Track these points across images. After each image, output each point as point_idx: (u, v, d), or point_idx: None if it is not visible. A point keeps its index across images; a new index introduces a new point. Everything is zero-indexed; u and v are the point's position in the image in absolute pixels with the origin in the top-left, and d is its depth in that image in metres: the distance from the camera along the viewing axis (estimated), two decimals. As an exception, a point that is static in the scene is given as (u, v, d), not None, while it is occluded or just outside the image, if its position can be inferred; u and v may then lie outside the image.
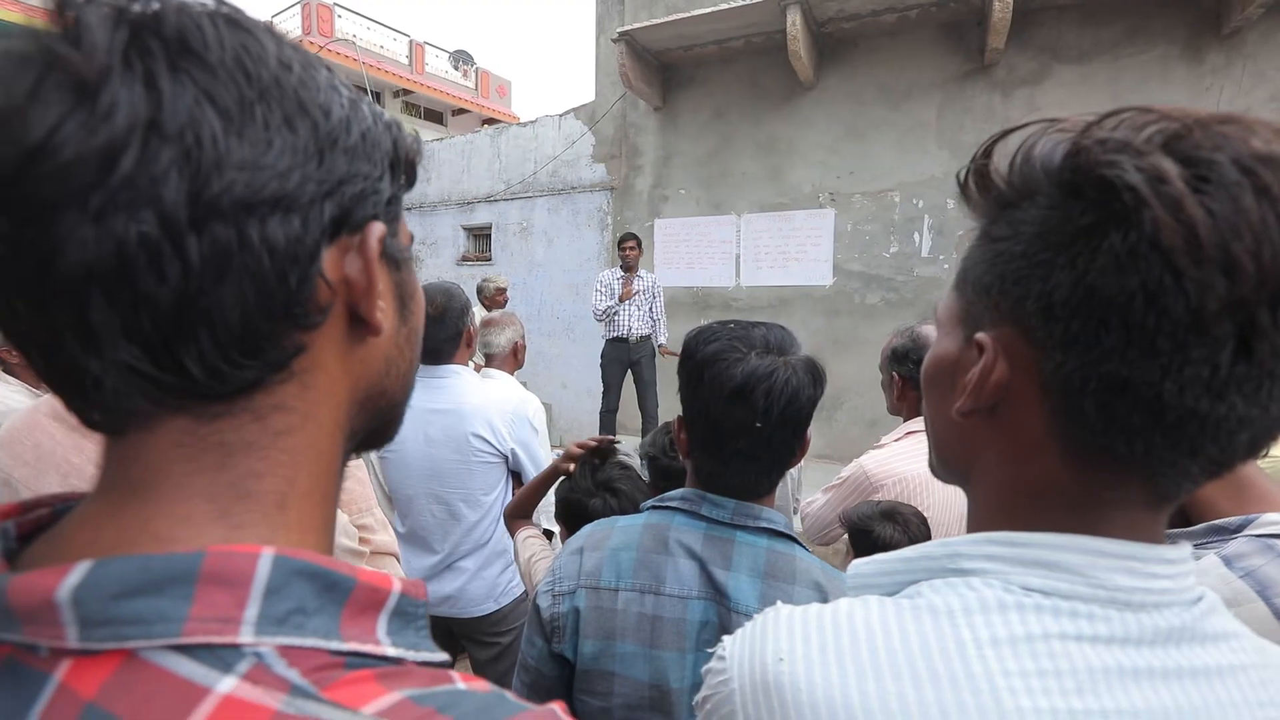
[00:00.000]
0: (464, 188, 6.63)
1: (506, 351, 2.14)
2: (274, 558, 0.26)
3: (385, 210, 0.31)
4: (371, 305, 0.30)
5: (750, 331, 0.78)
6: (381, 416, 0.35)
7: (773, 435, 0.75)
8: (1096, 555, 0.34)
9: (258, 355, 0.26)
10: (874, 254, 4.61)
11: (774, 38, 4.46)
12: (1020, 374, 0.35)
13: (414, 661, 0.28)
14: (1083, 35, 3.92)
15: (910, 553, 0.40)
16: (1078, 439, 0.34)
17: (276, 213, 0.25)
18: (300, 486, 0.29)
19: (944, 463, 0.44)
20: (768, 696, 0.35)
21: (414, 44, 14.11)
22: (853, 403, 4.73)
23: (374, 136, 0.30)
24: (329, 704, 0.24)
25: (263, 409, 0.28)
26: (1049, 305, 0.32)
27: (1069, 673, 0.32)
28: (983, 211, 0.38)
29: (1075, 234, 0.31)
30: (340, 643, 0.26)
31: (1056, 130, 0.34)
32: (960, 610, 0.34)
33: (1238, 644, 0.35)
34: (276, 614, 0.25)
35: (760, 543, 0.78)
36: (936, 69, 4.31)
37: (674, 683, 0.75)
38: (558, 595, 0.81)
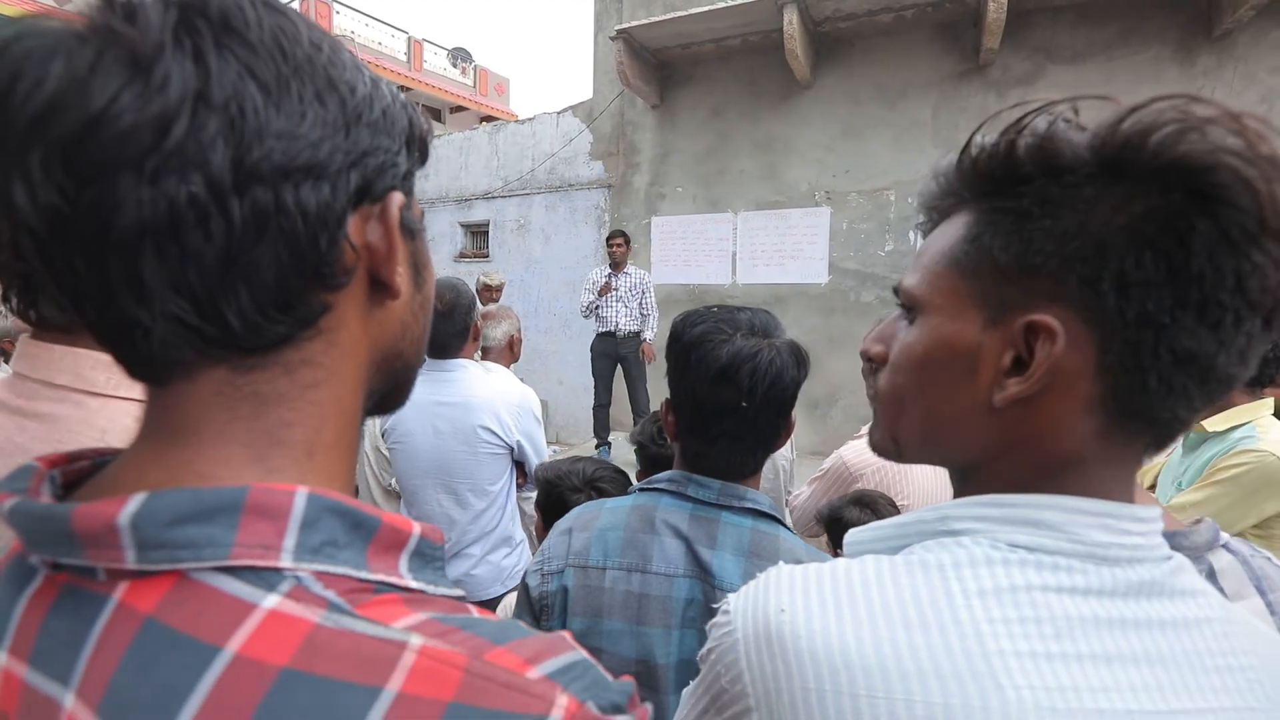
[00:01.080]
0: (462, 184, 6.63)
1: (502, 345, 2.15)
2: (309, 495, 0.28)
3: (403, 183, 0.33)
4: (392, 269, 0.32)
5: (736, 315, 0.80)
6: (396, 378, 0.38)
7: (758, 415, 0.77)
8: (1076, 513, 0.36)
9: (290, 311, 0.29)
10: (869, 252, 4.64)
11: (771, 36, 4.48)
12: (1075, 354, 0.35)
13: (433, 594, 0.31)
14: (1076, 36, 3.95)
15: (904, 518, 0.42)
16: (1123, 409, 0.35)
17: (309, 179, 0.27)
18: (326, 437, 0.32)
19: (940, 450, 0.43)
20: (769, 644, 0.37)
21: (412, 41, 14.09)
22: (847, 400, 4.75)
23: (393, 114, 0.32)
24: (363, 619, 0.26)
25: (292, 363, 0.30)
26: (1124, 285, 0.33)
27: (1048, 620, 0.34)
28: (979, 189, 0.38)
29: (1151, 213, 0.32)
30: (368, 573, 0.29)
31: (1065, 111, 0.35)
32: (950, 565, 0.36)
33: (1204, 600, 0.37)
34: (311, 544, 0.28)
35: (745, 523, 0.80)
36: (932, 69, 4.33)
37: (660, 658, 0.77)
38: (546, 574, 0.83)
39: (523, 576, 0.86)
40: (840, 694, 0.34)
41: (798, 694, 0.35)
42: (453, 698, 0.25)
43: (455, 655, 0.26)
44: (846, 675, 0.34)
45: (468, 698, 0.25)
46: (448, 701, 0.25)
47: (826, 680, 0.34)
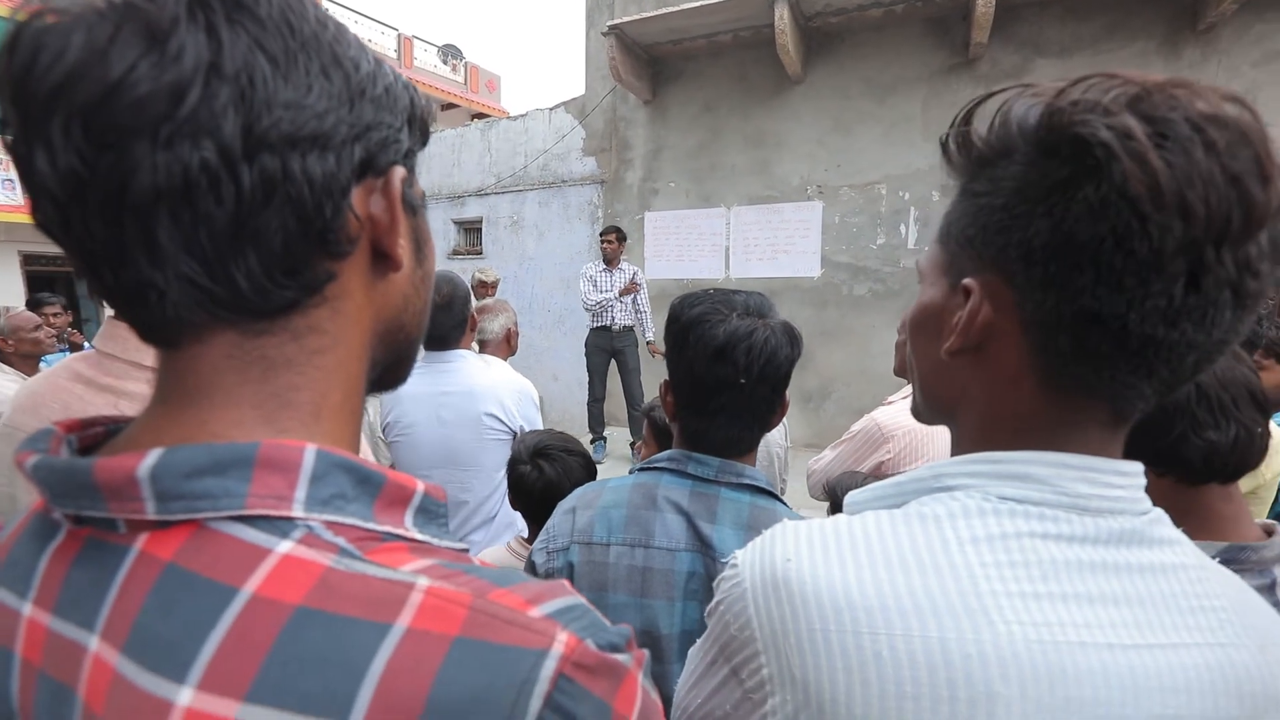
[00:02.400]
0: (454, 181, 6.62)
1: (500, 338, 2.17)
2: (317, 451, 0.30)
3: (405, 160, 0.35)
4: (394, 241, 0.33)
5: (731, 297, 0.83)
6: (398, 351, 0.39)
7: (754, 392, 0.80)
8: (1061, 467, 0.39)
9: (296, 277, 0.30)
10: (861, 246, 4.68)
11: (762, 32, 4.50)
12: (1002, 315, 0.39)
13: (437, 545, 0.32)
14: (1064, 30, 4.00)
15: (901, 477, 0.45)
16: (1053, 369, 0.38)
17: (315, 149, 0.29)
18: (332, 401, 0.33)
19: (930, 402, 0.48)
20: (776, 590, 0.39)
21: (402, 38, 14.02)
22: (840, 392, 4.79)
23: (395, 92, 0.34)
24: (372, 563, 0.28)
25: (299, 329, 0.31)
26: (1029, 251, 0.36)
27: (1035, 563, 0.37)
28: (962, 171, 0.41)
29: (1052, 187, 0.35)
30: (375, 525, 0.31)
31: (1030, 95, 0.37)
32: (945, 515, 0.39)
33: (1179, 549, 0.40)
34: (321, 496, 0.29)
35: (744, 498, 0.83)
36: (922, 63, 4.37)
37: (664, 629, 0.79)
38: (552, 551, 0.85)
39: (528, 554, 0.88)
40: (844, 632, 0.36)
41: (804, 635, 0.37)
42: (459, 632, 0.26)
43: (460, 594, 0.27)
44: (850, 615, 0.36)
45: (473, 632, 0.26)
46: (454, 636, 0.26)
47: (831, 620, 0.37)
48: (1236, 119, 0.32)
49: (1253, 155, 0.32)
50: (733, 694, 0.43)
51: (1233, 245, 0.32)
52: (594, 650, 0.28)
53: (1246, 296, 0.34)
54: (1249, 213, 0.31)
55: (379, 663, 0.25)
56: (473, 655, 0.26)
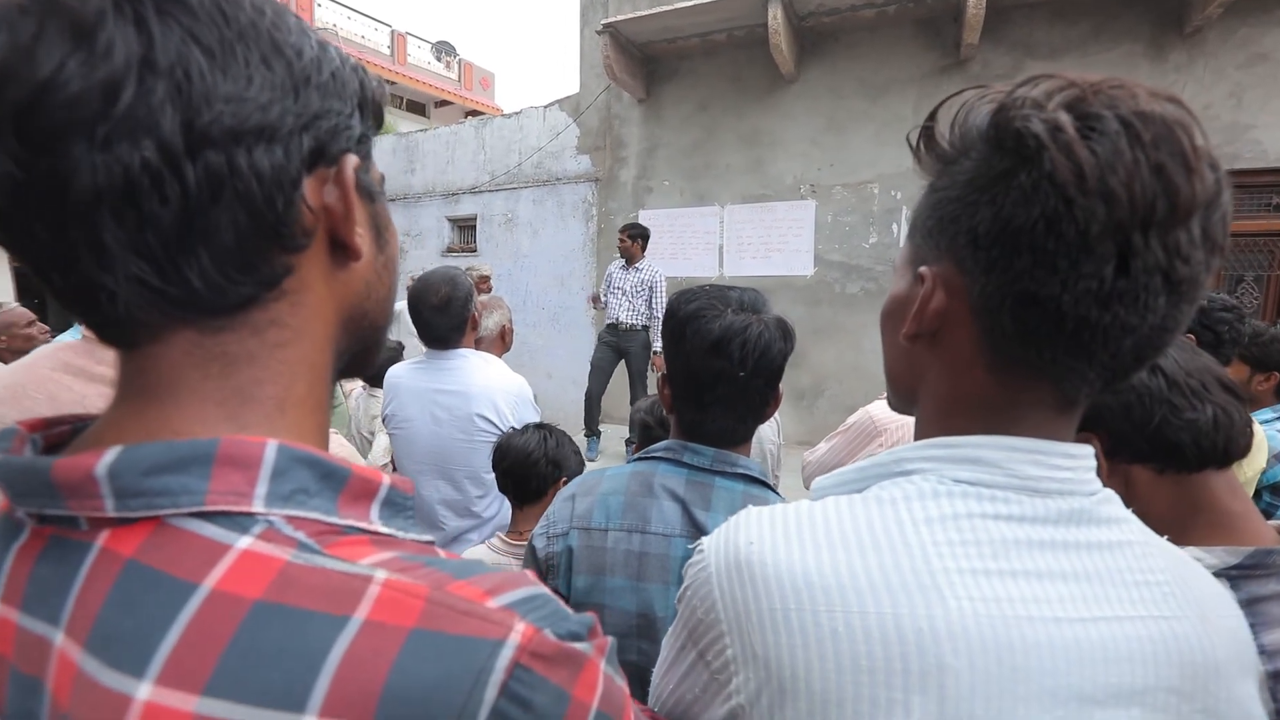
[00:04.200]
0: (449, 179, 6.62)
1: (494, 334, 2.19)
2: (279, 446, 0.30)
3: (360, 146, 0.34)
4: (350, 230, 0.33)
5: (727, 293, 0.86)
6: (364, 339, 0.39)
7: (748, 384, 0.83)
8: (1010, 450, 0.41)
9: (251, 273, 0.30)
10: (854, 244, 4.72)
11: (756, 31, 4.53)
12: (956, 301, 0.41)
13: (401, 538, 0.33)
14: (1053, 32, 4.05)
15: (864, 463, 0.47)
16: (1000, 352, 0.41)
17: (261, 142, 0.28)
18: (296, 394, 0.33)
19: (895, 389, 0.51)
20: (739, 572, 0.41)
21: (396, 34, 13.98)
22: (833, 390, 4.84)
23: (343, 77, 0.33)
24: (331, 557, 0.28)
25: (260, 324, 0.31)
26: (975, 237, 0.39)
27: (986, 542, 0.39)
28: (930, 170, 0.44)
29: (995, 177, 0.37)
30: (338, 518, 0.31)
31: (988, 96, 0.40)
32: (901, 498, 0.41)
33: (1127, 527, 0.43)
34: (282, 491, 0.29)
35: (737, 487, 0.86)
36: (914, 64, 4.42)
37: (659, 611, 0.82)
38: (552, 536, 0.88)
39: (529, 539, 0.91)
40: (802, 611, 0.38)
41: (765, 614, 0.39)
42: (415, 624, 0.26)
43: (417, 587, 0.27)
44: (808, 594, 0.38)
45: (429, 623, 0.27)
46: (410, 628, 0.26)
47: (790, 600, 0.38)
48: (1164, 114, 0.34)
49: (1178, 147, 0.34)
50: (700, 676, 0.44)
51: (1160, 231, 0.34)
52: (552, 639, 0.28)
53: (1179, 283, 0.35)
54: (1174, 200, 0.33)
55: (336, 655, 0.26)
56: (429, 646, 0.26)
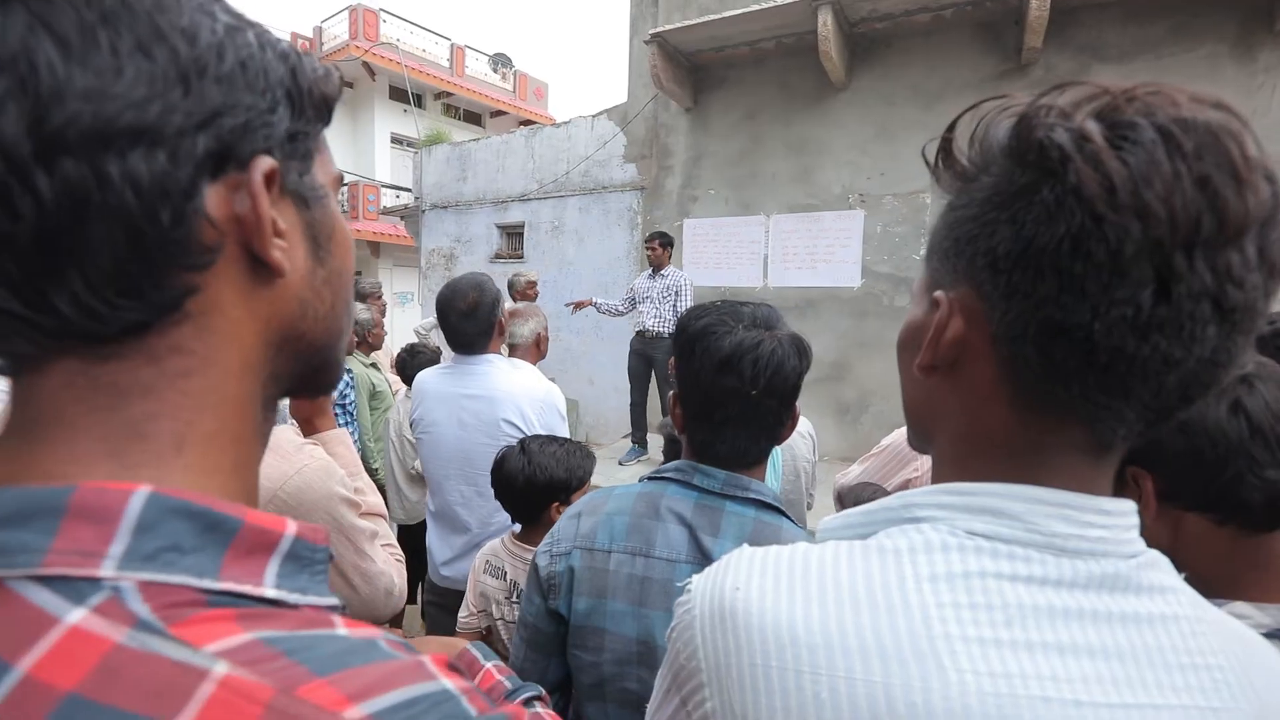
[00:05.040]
0: (499, 187, 6.77)
1: (529, 342, 2.21)
2: (149, 495, 0.25)
3: (288, 146, 0.30)
4: (264, 244, 0.29)
5: (738, 308, 0.82)
6: (306, 361, 0.35)
7: (760, 403, 0.79)
8: (1035, 503, 0.36)
9: (138, 296, 0.26)
10: (904, 256, 4.56)
11: (805, 38, 4.45)
12: (974, 329, 0.37)
13: (298, 605, 0.28)
14: (1124, 34, 3.82)
15: (871, 505, 0.43)
16: (1023, 386, 0.36)
17: (138, 146, 0.24)
18: (202, 429, 0.29)
19: (912, 426, 0.47)
20: (722, 621, 0.38)
21: (455, 47, 14.45)
22: (878, 406, 4.67)
23: (258, 65, 0.29)
24: (172, 640, 0.23)
25: (157, 351, 0.27)
26: (994, 260, 0.35)
27: (999, 607, 0.34)
28: (948, 187, 0.41)
29: (1016, 193, 0.34)
30: (214, 581, 0.26)
31: (1010, 107, 0.36)
32: (906, 550, 0.37)
33: (1174, 597, 0.37)
34: (145, 550, 0.25)
35: (749, 513, 0.82)
36: (971, 69, 4.24)
37: (660, 640, 0.79)
38: (555, 555, 0.87)
39: (534, 556, 0.90)
40: (785, 670, 0.35)
41: (745, 669, 0.36)
42: None
43: (259, 689, 0.23)
44: (791, 651, 0.35)
45: None
46: None
47: (773, 656, 0.35)
48: (1209, 121, 0.30)
49: (1226, 158, 0.30)
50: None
51: (1206, 251, 0.30)
52: None
53: (1232, 310, 0.31)
54: (1221, 216, 0.29)
55: None
56: None
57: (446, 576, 1.79)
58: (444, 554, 1.80)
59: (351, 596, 0.87)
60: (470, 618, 1.44)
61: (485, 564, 1.45)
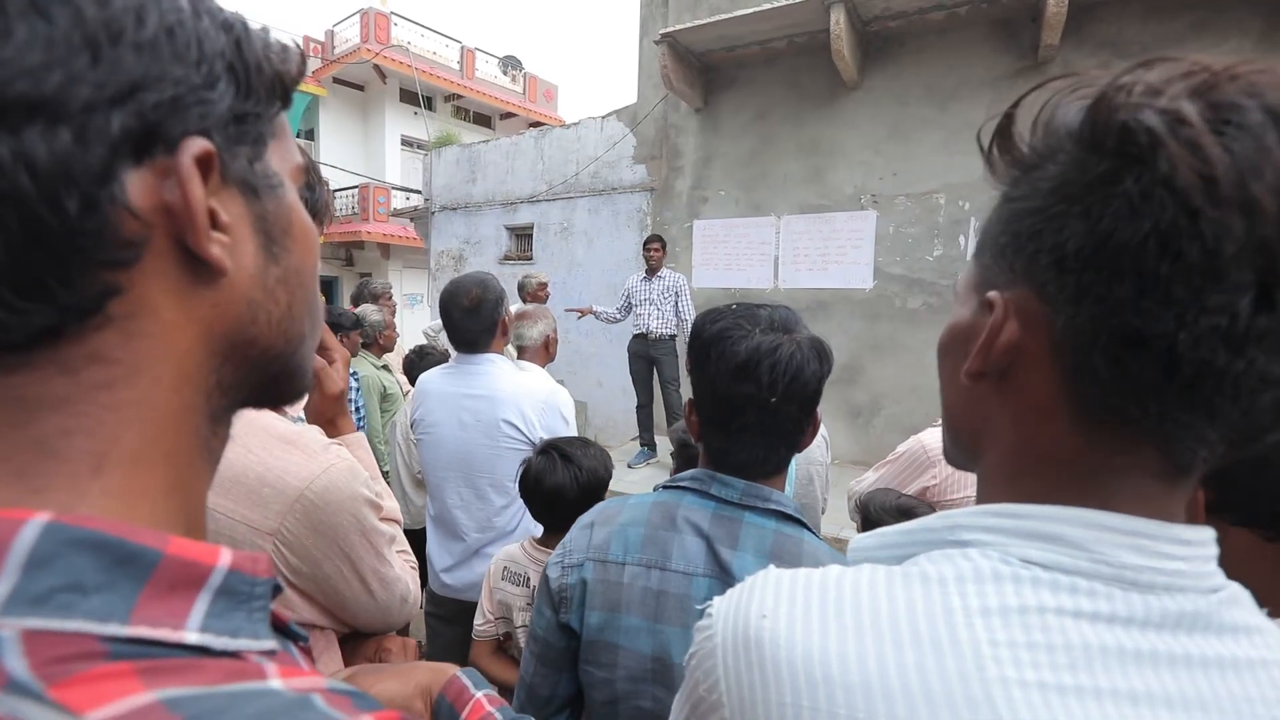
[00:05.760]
0: (508, 188, 6.77)
1: (538, 344, 2.19)
2: (45, 525, 0.22)
3: (233, 128, 0.27)
4: (198, 237, 0.25)
5: (755, 311, 0.79)
6: (261, 370, 0.31)
7: (779, 410, 0.76)
8: (1101, 530, 0.32)
9: (43, 298, 0.22)
10: (917, 257, 4.50)
11: (817, 37, 4.41)
12: (1032, 334, 0.34)
13: (227, 650, 0.24)
14: (1145, 30, 3.74)
15: (910, 525, 0.39)
16: (1089, 400, 0.32)
17: (35, 121, 0.21)
18: (126, 447, 0.25)
19: (955, 437, 0.43)
20: (747, 651, 0.35)
21: (465, 50, 14.51)
22: (890, 409, 4.62)
23: (189, 33, 0.25)
24: (49, 704, 0.19)
25: (72, 360, 0.24)
26: (1062, 257, 0.31)
27: (1062, 648, 0.30)
28: (1003, 177, 0.37)
29: (1091, 183, 0.30)
30: (121, 626, 0.22)
31: (1080, 89, 0.33)
32: (953, 579, 0.33)
33: (1260, 639, 0.33)
34: (35, 591, 0.21)
35: (768, 524, 0.79)
36: (986, 67, 4.18)
37: (676, 657, 0.76)
38: (567, 567, 0.84)
39: (544, 567, 0.87)
40: (818, 711, 0.31)
41: (773, 708, 0.33)
42: None
43: None
44: (825, 691, 0.32)
45: None
46: None
47: (804, 695, 0.32)
48: None
49: None
50: None
51: None
52: None
53: None
54: None
55: None
56: None
57: (447, 585, 1.76)
58: (443, 560, 1.76)
59: (368, 602, 0.85)
60: (487, 625, 1.40)
61: (504, 570, 1.41)
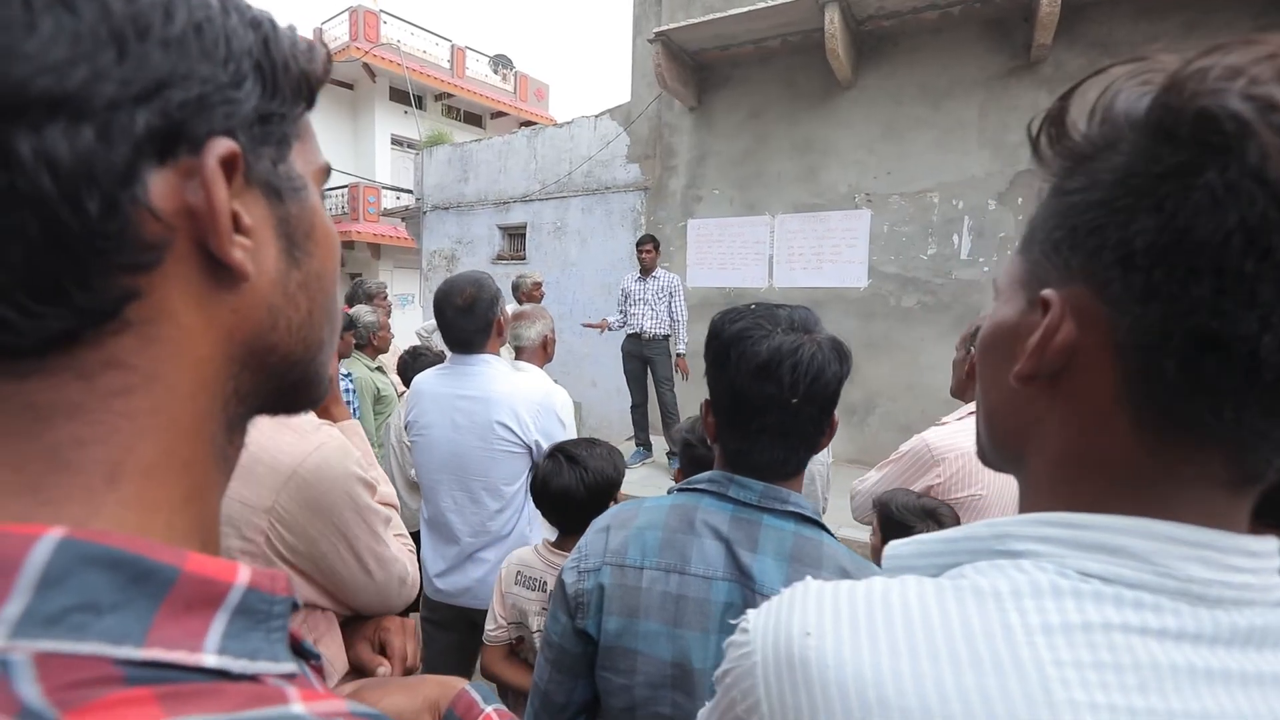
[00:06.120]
0: (500, 188, 6.73)
1: (536, 345, 2.16)
2: (60, 541, 0.21)
3: (258, 128, 0.26)
4: (221, 241, 0.25)
5: (775, 311, 0.78)
6: (280, 377, 0.30)
7: (800, 411, 0.75)
8: (1166, 541, 0.30)
9: (61, 301, 0.22)
10: (911, 256, 4.52)
11: (811, 36, 4.41)
12: (1090, 334, 0.32)
13: (246, 674, 0.23)
14: (1136, 30, 3.78)
15: (954, 533, 0.38)
16: (1153, 404, 0.31)
17: (57, 118, 0.20)
18: (142, 456, 0.24)
19: (996, 439, 0.41)
20: (792, 672, 0.33)
21: (455, 49, 14.43)
22: (885, 407, 4.63)
23: (218, 30, 0.25)
24: None
25: (89, 366, 0.23)
26: (1129, 254, 0.29)
27: (1131, 667, 0.29)
28: (1054, 168, 0.35)
29: (1164, 174, 0.28)
30: (136, 649, 0.21)
31: (1144, 74, 0.31)
32: (1009, 593, 0.31)
33: None
34: (49, 611, 0.20)
35: (787, 527, 0.78)
36: (980, 66, 4.20)
37: (696, 663, 0.75)
38: (583, 571, 0.82)
39: (559, 572, 0.85)
40: None
41: None
42: None
43: None
44: (880, 716, 0.30)
45: None
46: None
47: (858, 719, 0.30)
48: None
49: None
50: None
51: None
52: None
53: None
54: None
55: None
56: None
57: (441, 590, 1.73)
58: (437, 565, 1.73)
59: (366, 582, 0.85)
60: (499, 630, 1.38)
61: (516, 575, 1.39)
